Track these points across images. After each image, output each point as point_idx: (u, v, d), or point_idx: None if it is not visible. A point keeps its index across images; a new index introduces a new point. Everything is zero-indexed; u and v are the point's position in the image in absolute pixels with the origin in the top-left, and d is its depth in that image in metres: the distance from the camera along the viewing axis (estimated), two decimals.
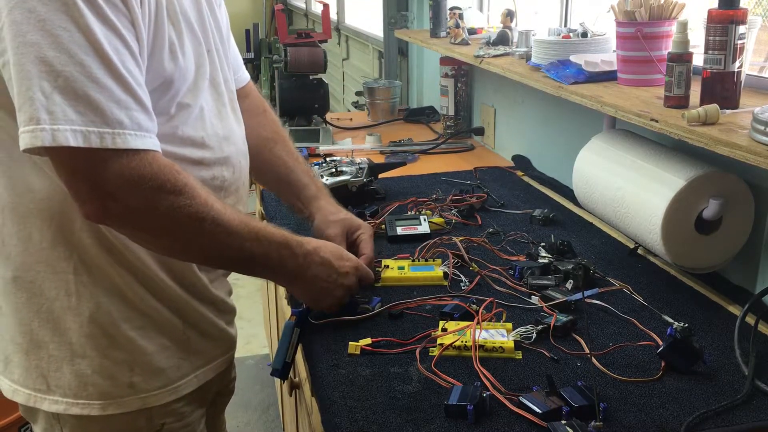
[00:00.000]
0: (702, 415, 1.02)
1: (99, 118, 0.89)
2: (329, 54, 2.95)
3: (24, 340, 1.07)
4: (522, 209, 1.85)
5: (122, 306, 1.06)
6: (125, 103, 0.92)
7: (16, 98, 0.89)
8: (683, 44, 1.33)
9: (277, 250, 1.09)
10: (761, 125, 1.12)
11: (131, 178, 0.92)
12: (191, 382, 1.14)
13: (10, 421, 2.03)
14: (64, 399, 1.07)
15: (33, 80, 0.87)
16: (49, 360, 1.06)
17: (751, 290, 1.39)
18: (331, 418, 1.05)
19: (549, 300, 1.33)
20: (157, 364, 1.09)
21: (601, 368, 1.14)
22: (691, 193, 1.34)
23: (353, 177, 1.88)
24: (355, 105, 3.51)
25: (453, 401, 1.03)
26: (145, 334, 1.08)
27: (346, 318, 1.27)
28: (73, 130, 0.88)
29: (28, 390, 1.08)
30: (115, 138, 0.91)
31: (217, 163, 1.12)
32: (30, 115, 0.88)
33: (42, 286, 1.05)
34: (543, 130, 2.18)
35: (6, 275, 1.07)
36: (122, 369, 1.07)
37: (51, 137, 0.87)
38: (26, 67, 0.87)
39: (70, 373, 1.06)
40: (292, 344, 1.19)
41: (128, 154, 0.92)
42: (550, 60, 1.78)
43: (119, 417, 1.08)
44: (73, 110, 0.88)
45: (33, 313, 1.06)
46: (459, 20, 2.37)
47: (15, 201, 1.03)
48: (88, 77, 0.89)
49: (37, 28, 0.87)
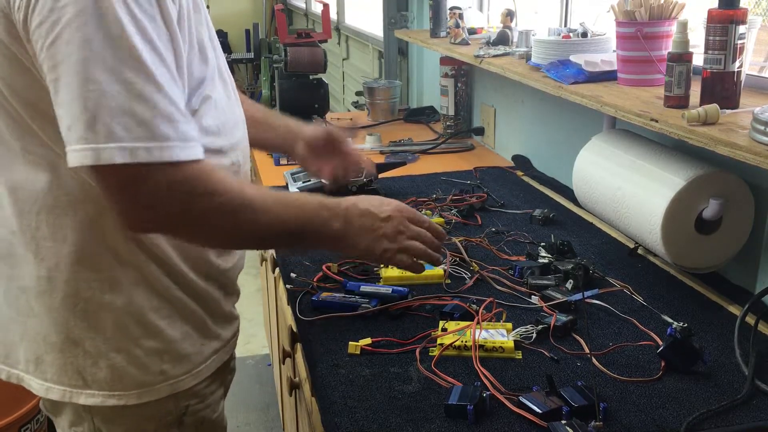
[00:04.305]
0: (702, 415, 1.02)
1: (145, 134, 0.91)
2: (329, 54, 2.95)
3: (59, 339, 1.08)
4: (522, 209, 1.85)
5: (151, 297, 1.09)
6: (171, 116, 0.93)
7: (64, 118, 0.91)
8: (683, 44, 1.33)
9: (318, 215, 1.10)
10: (761, 125, 1.12)
11: (169, 187, 0.94)
12: (211, 365, 1.18)
13: (10, 421, 2.03)
14: (101, 392, 1.09)
15: (79, 99, 0.89)
16: (85, 356, 1.08)
17: (751, 290, 1.39)
18: (331, 418, 1.05)
19: (549, 300, 1.33)
20: (182, 351, 1.13)
21: (601, 368, 1.14)
22: (691, 193, 1.34)
23: (353, 177, 1.88)
24: (355, 105, 3.51)
25: (453, 401, 1.03)
26: (171, 323, 1.11)
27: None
28: (120, 148, 0.90)
29: (63, 386, 1.10)
30: (167, 151, 0.92)
31: (232, 149, 1.15)
32: (78, 135, 0.89)
33: (77, 285, 1.06)
34: (543, 130, 2.18)
35: (40, 276, 1.07)
36: (153, 358, 1.10)
37: (97, 156, 0.89)
38: (73, 87, 0.89)
39: (106, 366, 1.09)
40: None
41: (174, 165, 0.94)
42: (550, 60, 1.78)
43: (150, 403, 1.12)
44: (121, 127, 0.89)
45: (68, 312, 1.07)
46: (459, 20, 2.37)
47: (51, 203, 1.04)
48: (133, 94, 0.90)
49: (83, 48, 0.88)
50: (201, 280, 1.15)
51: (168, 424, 1.14)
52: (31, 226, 1.06)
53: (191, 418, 1.17)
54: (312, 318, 1.32)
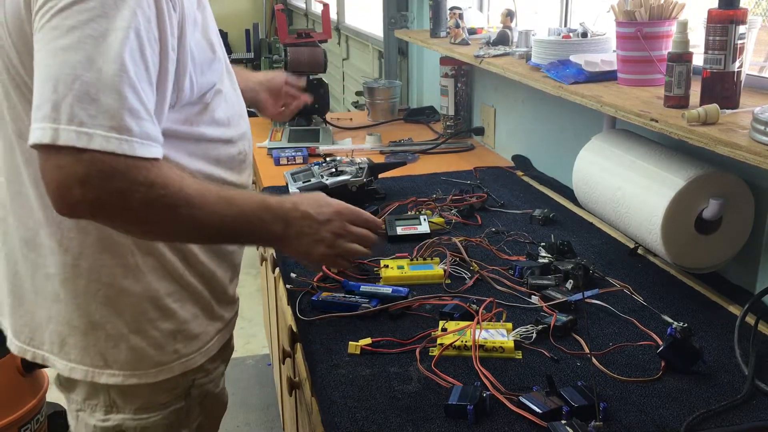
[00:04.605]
0: (702, 415, 1.02)
1: (108, 123, 0.92)
2: (329, 54, 2.95)
3: (82, 323, 1.15)
4: (522, 209, 1.85)
5: (167, 282, 1.16)
6: (137, 112, 0.95)
7: (36, 96, 0.93)
8: (683, 44, 1.33)
9: (258, 217, 1.12)
10: (761, 125, 1.12)
11: (112, 176, 0.94)
12: (216, 343, 1.27)
13: (10, 421, 2.03)
14: (121, 372, 1.17)
15: (52, 80, 0.92)
16: (107, 339, 1.15)
17: (751, 290, 1.39)
18: (331, 418, 1.05)
19: (549, 300, 1.33)
20: (193, 331, 1.21)
21: (601, 368, 1.14)
22: (691, 193, 1.34)
23: (353, 177, 1.88)
24: (355, 105, 3.52)
25: (453, 401, 1.03)
26: (183, 305, 1.19)
27: (340, 315, 1.27)
28: (79, 132, 0.91)
29: (86, 367, 1.17)
30: (121, 144, 0.94)
31: (240, 138, 1.23)
32: (43, 113, 0.92)
33: (100, 272, 1.13)
34: (543, 130, 2.18)
35: (65, 264, 1.13)
36: (168, 339, 1.18)
37: (56, 136, 0.91)
38: (49, 68, 0.92)
39: (126, 348, 1.16)
40: None
41: (126, 158, 0.94)
42: (550, 60, 1.78)
43: (164, 379, 1.20)
44: (85, 113, 0.91)
45: (91, 297, 1.14)
46: (459, 20, 2.37)
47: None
48: (104, 84, 0.92)
49: (68, 35, 0.92)
50: (211, 263, 1.22)
51: (177, 396, 1.23)
52: (56, 218, 1.10)
53: (197, 390, 1.26)
54: (312, 318, 1.32)
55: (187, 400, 1.25)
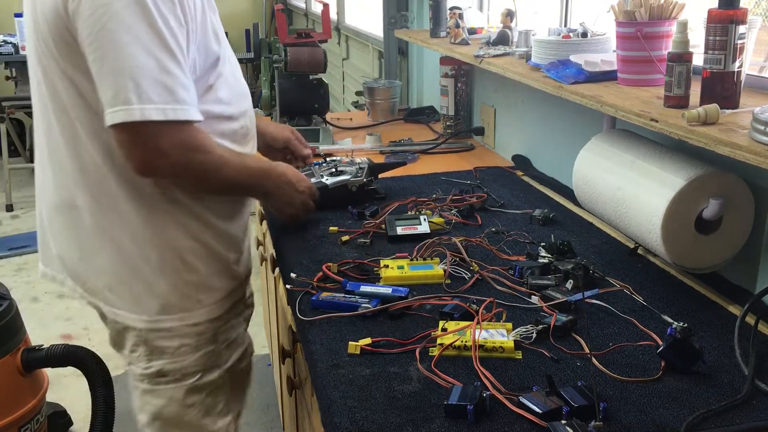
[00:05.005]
0: (702, 415, 1.02)
1: (172, 98, 1.21)
2: (329, 54, 2.95)
3: (120, 271, 1.39)
4: (522, 209, 1.85)
5: (190, 242, 1.40)
6: (186, 85, 1.24)
7: (109, 86, 1.19)
8: (683, 44, 1.33)
9: (262, 180, 1.49)
10: (761, 125, 1.12)
11: (182, 141, 1.25)
12: (232, 296, 1.49)
13: (10, 421, 2.03)
14: (152, 317, 1.39)
15: (125, 71, 1.17)
16: (142, 287, 1.38)
17: (751, 290, 1.39)
18: (331, 418, 1.05)
19: (549, 300, 1.33)
20: (213, 285, 1.44)
21: (601, 368, 1.14)
22: (691, 193, 1.34)
23: (353, 177, 1.88)
24: (355, 105, 3.52)
25: (453, 401, 1.03)
26: (203, 261, 1.42)
27: (341, 315, 1.28)
28: (156, 108, 1.19)
29: (124, 311, 1.40)
30: (184, 112, 1.23)
31: (241, 115, 1.45)
32: (124, 98, 1.18)
33: (134, 231, 1.36)
34: (543, 130, 2.18)
35: (105, 222, 1.37)
36: (191, 289, 1.41)
37: (141, 114, 1.18)
38: (118, 61, 1.17)
39: (155, 295, 1.39)
40: None
41: (184, 123, 1.24)
42: (550, 60, 1.78)
43: (190, 325, 1.42)
44: (155, 93, 1.19)
45: (130, 253, 1.37)
46: (459, 20, 2.37)
47: (104, 176, 1.34)
48: (162, 68, 1.20)
49: (127, 33, 1.17)
50: (229, 227, 1.46)
51: (206, 341, 1.45)
52: (94, 181, 1.35)
53: (222, 336, 1.48)
54: (312, 318, 1.32)
55: (215, 345, 1.46)
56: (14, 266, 4.43)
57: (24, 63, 5.63)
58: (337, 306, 1.34)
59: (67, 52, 1.25)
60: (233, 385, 1.52)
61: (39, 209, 1.48)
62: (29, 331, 2.18)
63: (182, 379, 1.43)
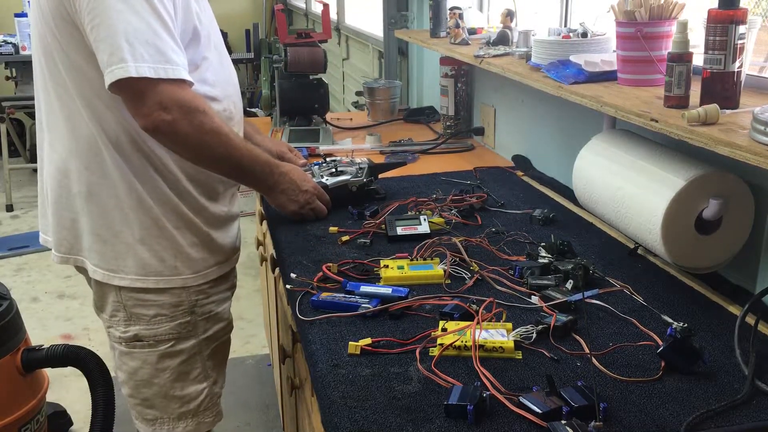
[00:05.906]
0: (702, 415, 1.02)
1: (163, 58, 1.36)
2: (329, 54, 2.95)
3: (105, 234, 1.52)
4: (522, 209, 1.85)
5: (165, 210, 1.52)
6: (176, 50, 1.39)
7: (106, 49, 1.33)
8: (683, 44, 1.33)
9: (262, 169, 1.60)
10: (761, 125, 1.12)
11: (180, 98, 1.39)
12: (214, 271, 1.62)
13: (10, 420, 2.03)
14: (129, 276, 1.53)
15: (120, 34, 1.32)
16: (121, 247, 1.52)
17: (751, 290, 1.39)
18: (331, 418, 1.05)
19: (549, 300, 1.33)
20: (191, 256, 1.56)
21: (601, 368, 1.14)
22: (691, 193, 1.34)
23: (353, 177, 1.88)
24: (355, 105, 3.52)
25: (453, 401, 1.03)
26: (180, 232, 1.55)
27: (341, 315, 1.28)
28: (149, 66, 1.33)
29: (104, 270, 1.54)
30: (175, 71, 1.37)
31: (225, 98, 1.57)
32: (120, 57, 1.32)
33: (117, 195, 1.49)
34: (543, 130, 2.18)
35: (91, 184, 1.50)
36: (169, 255, 1.54)
37: (136, 70, 1.32)
38: (114, 26, 1.32)
39: (134, 256, 1.52)
40: None
41: (178, 82, 1.38)
42: (550, 60, 1.78)
43: (167, 291, 1.55)
44: (148, 54, 1.34)
45: (110, 215, 1.50)
46: (459, 20, 2.37)
47: (101, 141, 1.47)
48: (153, 32, 1.34)
49: (120, 1, 1.33)
50: (206, 201, 1.57)
51: (183, 312, 1.58)
52: (83, 147, 1.48)
53: (201, 309, 1.60)
54: (312, 318, 1.32)
55: (192, 317, 1.58)
56: (14, 266, 4.43)
57: (24, 63, 5.69)
58: (337, 306, 1.34)
59: (64, 27, 1.40)
60: (212, 356, 1.65)
61: (40, 181, 1.62)
62: (29, 331, 2.18)
63: (156, 345, 1.57)
